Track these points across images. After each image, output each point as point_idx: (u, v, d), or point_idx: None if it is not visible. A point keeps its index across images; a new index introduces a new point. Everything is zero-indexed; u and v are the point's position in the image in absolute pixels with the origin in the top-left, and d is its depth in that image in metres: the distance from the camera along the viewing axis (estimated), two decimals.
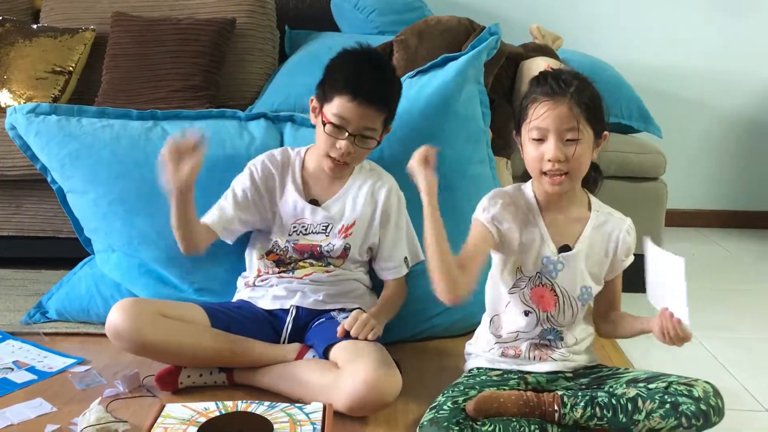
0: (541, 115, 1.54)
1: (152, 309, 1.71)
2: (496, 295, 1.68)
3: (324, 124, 1.79)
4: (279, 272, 1.88)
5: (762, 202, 3.83)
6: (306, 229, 1.88)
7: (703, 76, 3.68)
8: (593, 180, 1.68)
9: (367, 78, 1.78)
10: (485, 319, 1.72)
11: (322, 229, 1.87)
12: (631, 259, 1.66)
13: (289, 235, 1.88)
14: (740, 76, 3.68)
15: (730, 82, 3.69)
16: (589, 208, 1.66)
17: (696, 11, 3.62)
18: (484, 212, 1.63)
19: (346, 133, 1.77)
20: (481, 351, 1.69)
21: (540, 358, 1.63)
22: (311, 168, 1.92)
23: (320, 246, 1.86)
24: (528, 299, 1.62)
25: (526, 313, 1.62)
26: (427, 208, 1.52)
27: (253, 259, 1.94)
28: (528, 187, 1.67)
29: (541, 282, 1.62)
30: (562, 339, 1.63)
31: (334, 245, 1.86)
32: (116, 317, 1.67)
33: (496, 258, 1.67)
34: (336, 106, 1.76)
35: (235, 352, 1.75)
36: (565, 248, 1.62)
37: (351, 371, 1.58)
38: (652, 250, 1.52)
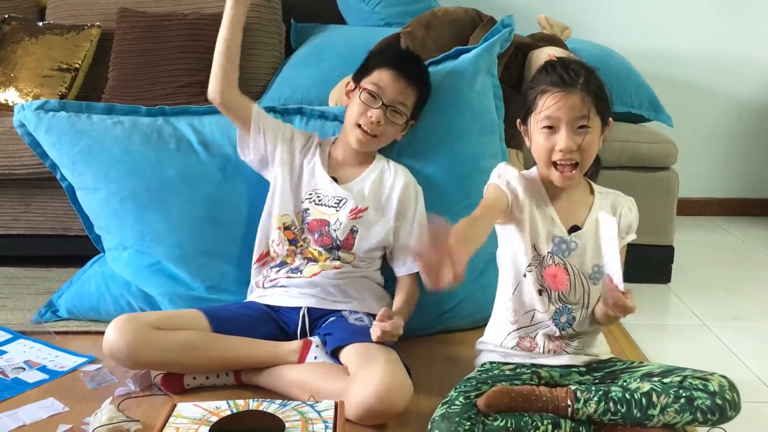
0: (552, 106, 1.54)
1: (145, 324, 1.68)
2: (509, 278, 1.66)
3: (361, 93, 1.88)
4: (287, 272, 1.88)
5: None
6: (320, 199, 1.91)
7: (713, 62, 3.64)
8: (593, 170, 1.70)
9: (408, 59, 1.98)
10: (499, 307, 1.70)
11: (335, 203, 1.90)
12: (632, 237, 1.68)
13: (302, 201, 1.91)
14: (751, 62, 3.64)
15: (741, 69, 3.64)
16: (592, 192, 1.68)
17: None
18: (499, 178, 1.64)
19: (380, 102, 1.86)
20: (493, 345, 1.68)
21: (555, 352, 1.62)
22: (337, 156, 1.98)
23: (329, 223, 1.87)
24: (541, 278, 1.62)
25: (540, 292, 1.62)
26: None
27: (270, 232, 1.92)
28: (533, 172, 1.68)
29: (554, 261, 1.61)
30: (575, 320, 1.62)
31: (341, 223, 1.86)
32: (110, 336, 1.67)
33: (508, 235, 1.65)
34: (376, 77, 1.88)
35: (234, 356, 1.74)
36: (574, 228, 1.63)
37: (361, 381, 1.56)
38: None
